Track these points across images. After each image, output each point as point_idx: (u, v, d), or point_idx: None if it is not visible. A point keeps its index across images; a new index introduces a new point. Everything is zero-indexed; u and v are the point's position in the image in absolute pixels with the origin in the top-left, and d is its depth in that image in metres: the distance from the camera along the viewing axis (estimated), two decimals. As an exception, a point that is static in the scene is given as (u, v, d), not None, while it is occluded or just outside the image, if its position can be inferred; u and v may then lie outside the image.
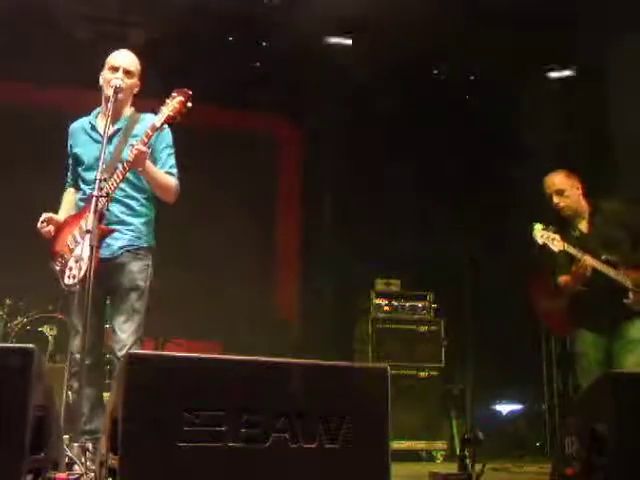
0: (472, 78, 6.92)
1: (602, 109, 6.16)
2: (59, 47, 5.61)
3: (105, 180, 3.01)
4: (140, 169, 3.29)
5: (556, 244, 3.96)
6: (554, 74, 6.76)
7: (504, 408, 6.98)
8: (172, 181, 3.48)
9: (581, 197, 4.19)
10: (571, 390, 6.50)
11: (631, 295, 3.99)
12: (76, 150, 3.56)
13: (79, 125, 3.62)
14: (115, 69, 3.44)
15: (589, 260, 3.93)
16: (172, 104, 3.24)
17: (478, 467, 3.40)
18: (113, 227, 3.31)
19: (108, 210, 3.19)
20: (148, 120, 3.49)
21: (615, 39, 5.79)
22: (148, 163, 3.30)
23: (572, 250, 3.96)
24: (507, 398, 6.98)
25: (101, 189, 3.00)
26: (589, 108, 6.26)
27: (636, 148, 5.84)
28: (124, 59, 3.50)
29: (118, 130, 3.47)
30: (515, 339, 6.62)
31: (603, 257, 4.00)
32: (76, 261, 3.24)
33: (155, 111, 3.33)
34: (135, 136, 3.43)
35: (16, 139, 6.32)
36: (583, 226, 4.19)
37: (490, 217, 6.87)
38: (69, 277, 3.25)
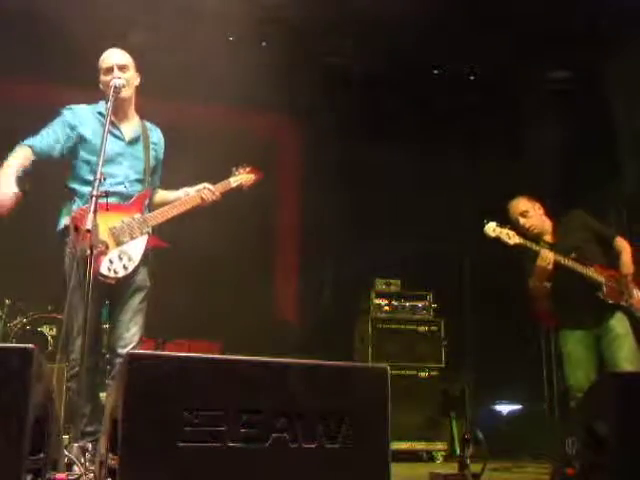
0: (472, 78, 6.91)
1: (602, 109, 6.16)
2: (60, 47, 5.62)
3: (104, 179, 3.01)
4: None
5: (511, 238, 4.16)
6: (554, 74, 6.76)
7: (504, 408, 6.98)
8: None
9: (543, 216, 4.49)
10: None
11: (604, 289, 4.14)
12: (85, 133, 3.47)
13: (86, 110, 3.55)
14: (109, 70, 3.46)
15: (547, 252, 4.10)
16: (248, 178, 4.01)
17: (478, 467, 3.40)
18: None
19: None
20: (155, 131, 3.72)
21: (615, 40, 5.79)
22: None
23: (528, 243, 4.16)
24: (507, 398, 6.98)
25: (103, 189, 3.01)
26: (589, 108, 6.26)
27: (636, 148, 5.84)
28: (114, 56, 3.52)
29: (138, 137, 3.58)
30: (515, 339, 6.62)
31: (572, 255, 4.18)
32: (121, 257, 3.25)
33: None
34: (155, 144, 3.66)
35: (17, 138, 6.31)
36: (549, 239, 4.43)
37: (490, 217, 6.86)
38: (109, 269, 3.25)
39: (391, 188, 7.00)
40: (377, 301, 6.14)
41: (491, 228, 4.21)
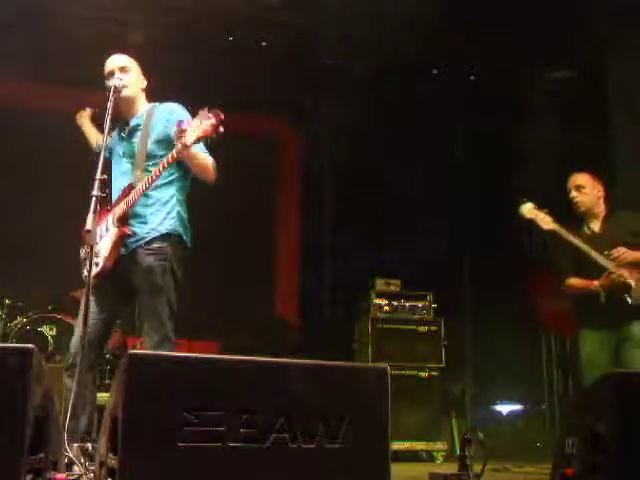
0: (472, 78, 6.91)
1: (602, 108, 6.16)
2: (61, 48, 5.62)
3: (104, 180, 3.00)
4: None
5: (546, 222, 4.00)
6: (554, 74, 6.76)
7: (504, 408, 6.98)
8: (210, 159, 3.42)
9: (600, 199, 4.25)
10: (572, 391, 6.51)
11: (632, 292, 3.95)
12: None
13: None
14: (111, 73, 3.48)
15: (622, 271, 3.91)
16: (203, 125, 3.15)
17: (478, 467, 3.39)
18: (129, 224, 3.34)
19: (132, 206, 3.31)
20: (162, 109, 3.51)
21: (615, 38, 5.79)
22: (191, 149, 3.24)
23: (564, 233, 3.98)
24: (507, 398, 6.99)
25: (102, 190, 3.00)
26: (589, 107, 6.26)
27: (636, 147, 5.84)
28: (113, 60, 3.54)
29: (138, 125, 3.51)
30: (515, 339, 6.62)
31: (605, 253, 3.99)
32: (96, 255, 3.26)
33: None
34: (154, 129, 3.45)
35: (16, 140, 6.32)
36: (596, 226, 4.22)
37: (490, 217, 6.88)
38: (84, 274, 3.28)
39: (391, 187, 7.00)
40: (377, 301, 6.14)
41: (527, 208, 4.05)
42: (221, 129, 3.14)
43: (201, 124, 3.11)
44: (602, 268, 3.99)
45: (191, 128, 3.12)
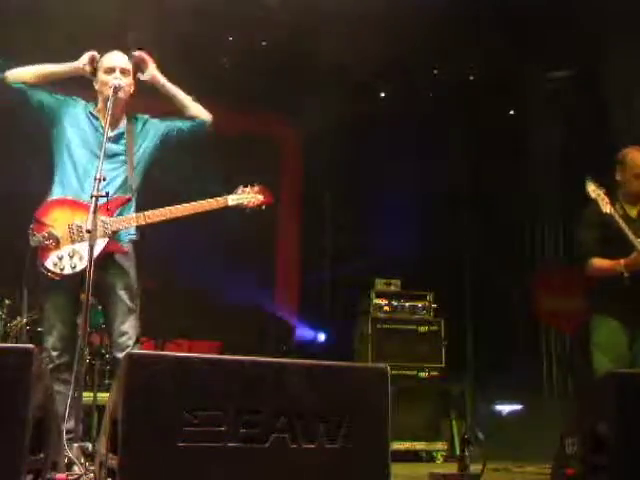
0: (472, 78, 6.91)
1: (602, 108, 6.16)
2: (55, 47, 5.61)
3: (104, 179, 2.99)
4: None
5: (605, 204, 3.78)
6: (554, 74, 6.75)
7: (504, 408, 6.97)
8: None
9: None
10: (572, 391, 6.50)
11: None
12: (68, 123, 3.44)
13: (79, 105, 3.52)
14: (112, 70, 3.44)
15: None
16: (253, 197, 3.60)
17: (478, 467, 3.40)
18: None
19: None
20: (140, 120, 3.59)
21: (615, 38, 5.79)
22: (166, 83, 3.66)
23: (616, 217, 3.74)
24: (507, 398, 6.98)
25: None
26: (589, 107, 6.26)
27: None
28: (119, 59, 3.51)
29: (122, 133, 3.50)
30: (515, 339, 6.62)
31: None
32: (71, 255, 3.21)
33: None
34: (141, 137, 3.54)
35: (12, 138, 6.31)
36: (631, 211, 4.01)
37: (490, 217, 6.88)
38: (55, 264, 3.19)
39: (391, 187, 7.00)
40: (377, 301, 6.14)
41: (592, 187, 3.83)
42: (263, 207, 3.63)
43: (251, 195, 3.60)
44: (631, 251, 3.74)
45: (239, 194, 3.58)
